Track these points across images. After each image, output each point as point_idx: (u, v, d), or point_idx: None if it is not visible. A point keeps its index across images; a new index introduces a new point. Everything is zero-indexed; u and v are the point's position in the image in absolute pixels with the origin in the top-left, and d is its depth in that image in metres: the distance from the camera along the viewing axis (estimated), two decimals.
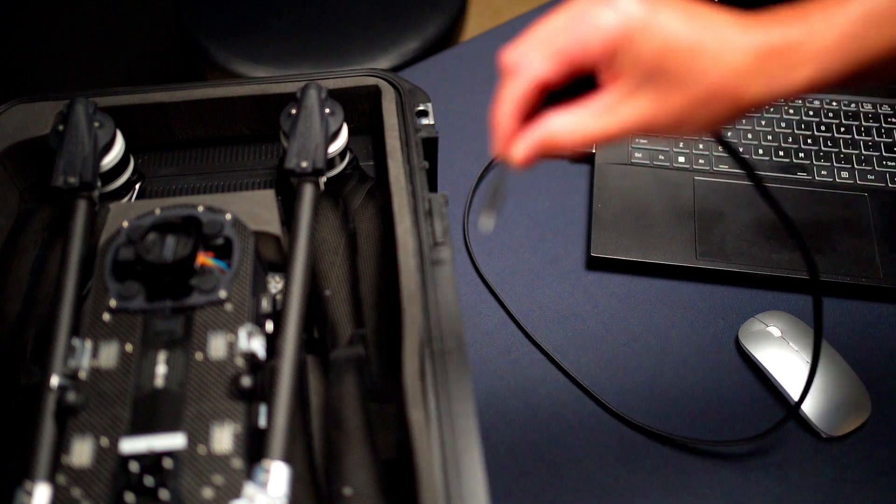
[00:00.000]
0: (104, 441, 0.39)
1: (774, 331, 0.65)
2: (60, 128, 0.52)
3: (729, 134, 0.79)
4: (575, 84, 0.36)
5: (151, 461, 0.38)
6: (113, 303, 0.44)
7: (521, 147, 0.36)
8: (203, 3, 1.19)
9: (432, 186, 0.58)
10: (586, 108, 0.35)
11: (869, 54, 0.34)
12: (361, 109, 0.60)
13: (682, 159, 0.77)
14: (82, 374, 0.42)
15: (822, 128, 0.80)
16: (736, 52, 0.33)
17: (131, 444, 0.39)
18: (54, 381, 0.41)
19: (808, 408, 0.61)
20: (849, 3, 0.34)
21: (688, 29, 0.33)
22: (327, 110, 0.54)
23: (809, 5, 0.35)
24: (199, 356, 0.42)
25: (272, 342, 0.44)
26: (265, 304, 0.48)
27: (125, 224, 0.48)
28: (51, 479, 0.39)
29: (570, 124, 0.35)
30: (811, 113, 0.81)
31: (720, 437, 0.61)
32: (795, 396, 0.62)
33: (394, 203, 0.51)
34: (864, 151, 0.77)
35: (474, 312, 0.69)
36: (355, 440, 0.45)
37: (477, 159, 0.79)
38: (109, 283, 0.45)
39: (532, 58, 0.35)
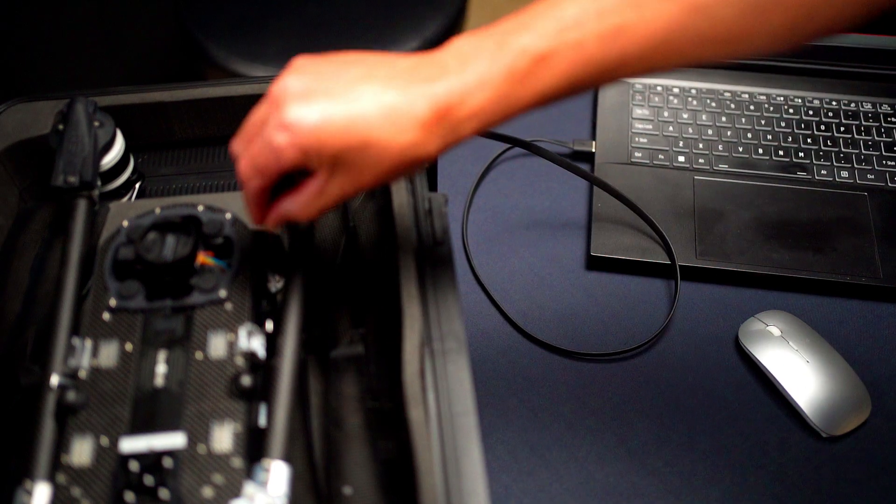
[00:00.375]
0: (104, 440, 0.39)
1: (774, 330, 0.65)
2: (60, 127, 0.53)
3: (729, 133, 0.79)
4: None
5: (151, 460, 0.38)
6: (113, 302, 0.44)
7: (269, 221, 0.43)
8: (203, 2, 1.19)
9: (432, 186, 0.58)
10: (304, 193, 0.40)
11: (519, 105, 0.37)
12: None
13: (682, 159, 0.77)
14: (82, 374, 0.42)
15: (822, 127, 0.80)
16: (402, 132, 0.36)
17: (131, 444, 0.39)
18: (54, 380, 0.41)
19: (808, 407, 0.61)
20: (497, 57, 0.36)
21: (354, 127, 0.36)
22: None
23: (469, 47, 0.37)
24: (199, 355, 0.42)
25: (272, 341, 0.44)
26: (265, 304, 0.48)
27: (125, 223, 0.48)
28: (51, 478, 0.39)
29: (296, 206, 0.41)
30: (811, 112, 0.81)
31: (720, 437, 0.61)
32: (796, 396, 0.62)
33: (394, 203, 0.51)
34: (863, 151, 0.77)
35: (474, 312, 0.69)
36: (355, 440, 0.45)
37: (477, 159, 0.79)
38: (109, 283, 0.45)
39: (248, 175, 0.40)
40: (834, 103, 0.81)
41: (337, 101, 0.36)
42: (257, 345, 0.43)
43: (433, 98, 0.36)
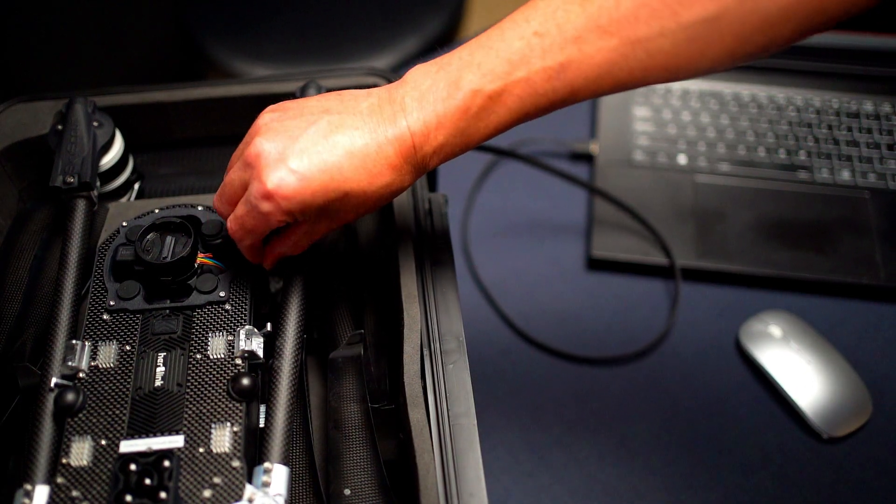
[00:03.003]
0: (103, 441, 0.39)
1: (775, 331, 0.65)
2: (59, 127, 0.52)
3: (730, 134, 0.79)
4: None
5: (150, 462, 0.38)
6: (112, 303, 0.44)
7: (267, 264, 0.46)
8: (203, 2, 1.19)
9: (432, 186, 0.58)
10: (294, 236, 0.43)
11: (478, 136, 0.40)
12: None
13: (683, 159, 0.77)
14: (81, 375, 0.41)
15: (823, 127, 0.79)
16: (377, 177, 0.39)
17: (130, 445, 0.39)
18: (53, 381, 0.41)
19: (809, 408, 0.61)
20: (452, 97, 0.39)
21: (333, 183, 0.39)
22: None
23: (431, 80, 0.40)
24: (198, 356, 0.42)
25: (271, 342, 0.44)
26: (264, 305, 0.48)
27: (124, 224, 0.48)
28: (50, 479, 0.39)
29: (288, 247, 0.44)
30: (812, 112, 0.81)
31: (721, 438, 0.61)
32: (796, 397, 0.62)
33: (394, 203, 0.51)
34: (864, 151, 0.77)
35: (474, 313, 0.69)
36: (355, 440, 0.45)
37: (477, 160, 0.79)
38: (108, 283, 0.45)
39: (240, 234, 0.43)
40: (835, 103, 0.81)
41: (311, 158, 0.39)
42: (256, 346, 0.43)
43: (399, 140, 0.39)
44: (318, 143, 0.39)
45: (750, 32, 0.36)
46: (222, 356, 0.42)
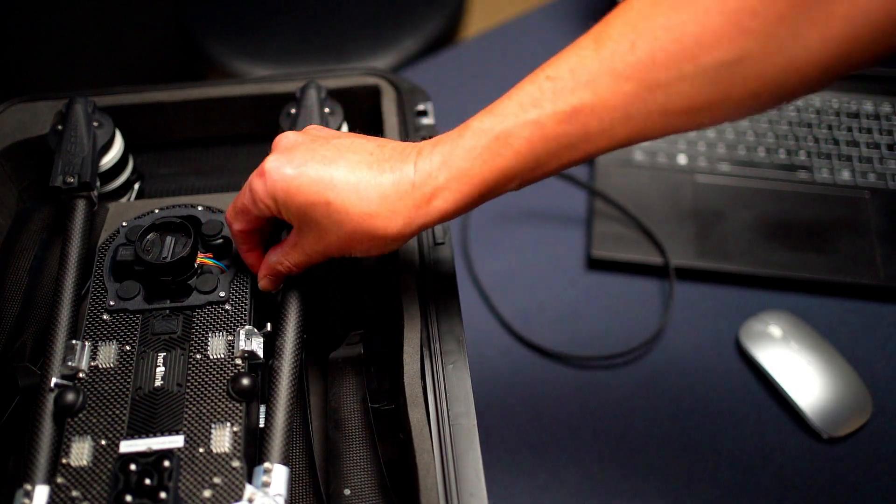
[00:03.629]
0: (103, 441, 0.39)
1: (775, 331, 0.65)
2: (59, 127, 0.52)
3: (729, 134, 0.79)
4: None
5: (150, 462, 0.38)
6: (112, 303, 0.44)
7: (262, 281, 0.45)
8: (203, 2, 1.19)
9: None
10: (283, 246, 0.44)
11: (483, 185, 0.38)
12: (361, 109, 0.60)
13: (682, 159, 0.77)
14: (81, 375, 0.41)
15: (823, 127, 0.79)
16: (364, 201, 0.38)
17: (130, 445, 0.39)
18: (53, 381, 0.41)
19: (809, 408, 0.61)
20: (459, 138, 0.38)
21: (321, 186, 0.39)
22: (327, 110, 0.54)
23: (445, 135, 0.39)
24: (198, 356, 0.42)
25: (271, 342, 0.44)
26: (264, 305, 0.48)
27: (124, 224, 0.48)
28: (50, 479, 0.39)
29: (276, 258, 0.44)
30: (812, 112, 0.81)
31: (721, 438, 0.61)
32: (796, 397, 0.62)
33: None
34: (864, 151, 0.77)
35: (474, 312, 0.69)
36: (355, 440, 0.45)
37: None
38: (108, 283, 0.45)
39: (231, 217, 0.44)
40: (835, 103, 0.81)
41: (313, 163, 0.39)
42: (256, 346, 0.43)
43: (400, 174, 0.38)
44: (325, 157, 0.40)
45: (774, 75, 0.34)
46: (222, 356, 0.42)
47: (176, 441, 0.39)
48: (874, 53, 0.34)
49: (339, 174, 0.39)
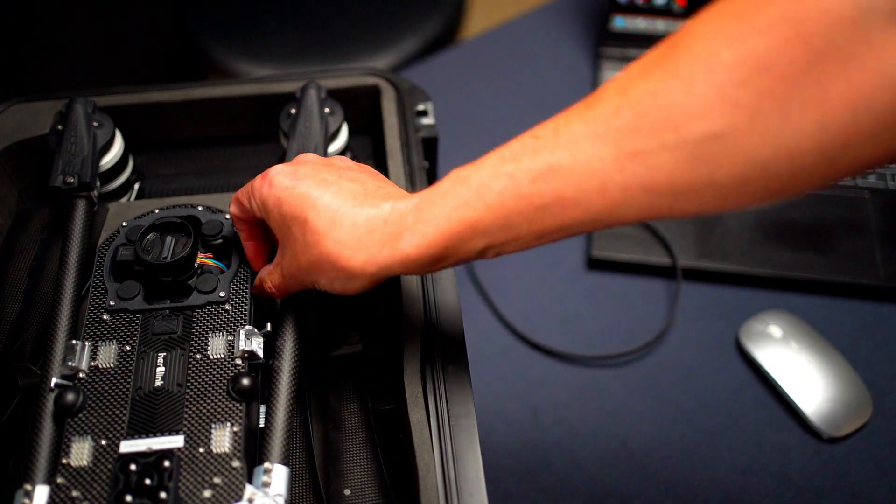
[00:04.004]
0: (103, 441, 0.39)
1: (775, 331, 0.65)
2: (59, 127, 0.52)
3: None
4: None
5: (150, 462, 0.38)
6: (112, 303, 0.44)
7: (255, 288, 0.46)
8: (203, 2, 1.19)
9: None
10: (272, 263, 0.44)
11: (452, 235, 0.36)
12: (361, 109, 0.60)
13: None
14: (81, 375, 0.41)
15: None
16: (336, 226, 0.38)
17: (130, 445, 0.39)
18: (53, 381, 0.41)
19: (809, 408, 0.61)
20: (439, 184, 0.37)
21: (307, 203, 0.39)
22: (327, 110, 0.54)
23: (431, 189, 0.37)
24: (198, 356, 0.42)
25: (271, 342, 0.44)
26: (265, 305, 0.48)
27: (124, 224, 0.48)
28: (50, 479, 0.39)
29: (263, 274, 0.45)
30: None
31: (721, 438, 0.61)
32: (797, 397, 0.62)
33: None
34: None
35: (474, 312, 0.69)
36: (355, 440, 0.45)
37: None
38: (108, 284, 0.45)
39: (232, 202, 0.44)
40: None
41: (309, 181, 0.40)
42: (256, 346, 0.43)
43: (375, 211, 0.38)
44: (320, 179, 0.40)
45: (764, 158, 0.30)
46: (222, 356, 0.42)
47: (176, 441, 0.39)
48: (886, 150, 0.30)
49: (325, 197, 0.39)
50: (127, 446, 0.39)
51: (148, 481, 0.37)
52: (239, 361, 0.42)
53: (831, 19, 0.28)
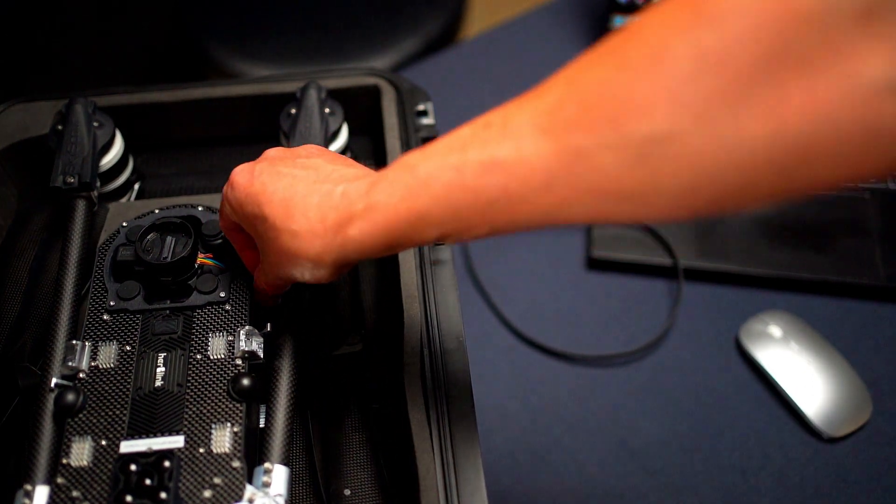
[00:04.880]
0: (103, 442, 0.39)
1: (775, 331, 0.65)
2: (60, 127, 0.52)
3: None
4: None
5: (151, 462, 0.38)
6: (112, 303, 0.44)
7: (257, 293, 0.46)
8: (203, 2, 1.19)
9: None
10: (260, 263, 0.43)
11: (399, 226, 0.34)
12: (361, 109, 0.60)
13: None
14: (81, 375, 0.41)
15: None
16: (289, 217, 0.37)
17: (130, 445, 0.39)
18: (53, 381, 0.41)
19: (809, 408, 0.61)
20: (390, 171, 0.35)
21: (264, 198, 0.38)
22: (327, 110, 0.54)
23: (382, 172, 0.36)
24: (198, 356, 0.42)
25: (271, 342, 0.44)
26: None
27: (124, 224, 0.48)
28: (50, 479, 0.39)
29: (256, 277, 0.44)
30: None
31: (721, 438, 0.61)
32: (796, 397, 0.62)
33: None
34: None
35: (474, 312, 0.69)
36: (355, 440, 0.45)
37: None
38: (108, 284, 0.45)
39: (221, 223, 0.44)
40: None
41: (266, 177, 0.39)
42: (256, 346, 0.43)
43: (325, 198, 0.37)
44: (276, 171, 0.39)
45: (711, 167, 0.27)
46: (222, 356, 0.42)
47: (176, 441, 0.39)
48: (852, 170, 0.27)
49: (279, 190, 0.38)
50: (127, 446, 0.39)
51: (148, 481, 0.37)
52: (239, 361, 0.42)
53: (792, 14, 0.25)
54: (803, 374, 0.63)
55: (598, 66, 0.30)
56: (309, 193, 0.37)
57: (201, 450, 0.39)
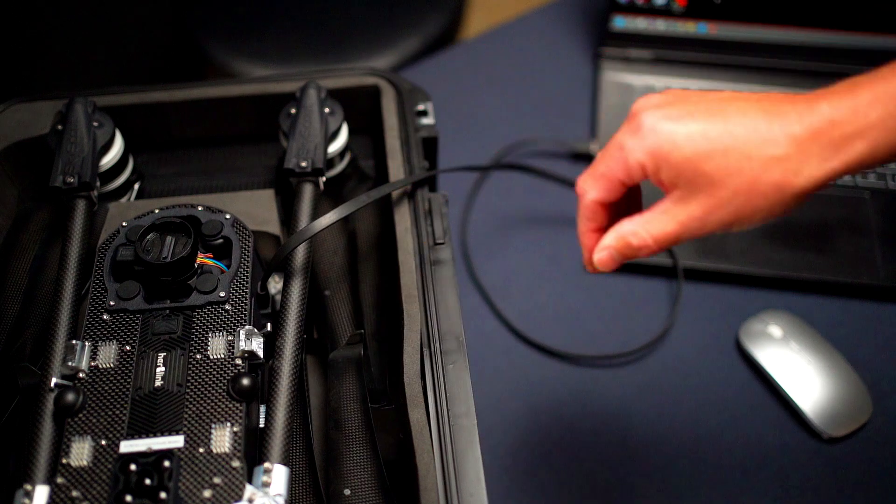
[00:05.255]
0: (103, 442, 0.39)
1: (775, 331, 0.65)
2: (59, 127, 0.52)
3: None
4: None
5: (150, 462, 0.38)
6: (112, 303, 0.44)
7: (599, 254, 0.41)
8: (203, 2, 1.19)
9: (432, 186, 0.58)
10: (647, 213, 0.39)
11: None
12: (361, 109, 0.60)
13: None
14: (81, 375, 0.41)
15: None
16: (768, 143, 0.34)
17: (130, 445, 0.39)
18: (53, 381, 0.41)
19: (809, 408, 0.61)
20: (878, 84, 0.34)
21: (713, 133, 0.35)
22: (327, 110, 0.54)
23: (860, 79, 0.35)
24: (198, 356, 0.42)
25: (271, 342, 0.44)
26: (265, 305, 0.48)
27: (124, 224, 0.48)
28: (50, 479, 0.39)
29: (634, 226, 0.39)
30: None
31: (721, 438, 0.61)
32: (797, 397, 0.62)
33: (393, 203, 0.51)
34: None
35: (474, 312, 0.69)
36: (355, 440, 0.45)
37: (477, 159, 0.79)
38: (108, 283, 0.45)
39: (587, 185, 0.41)
40: None
41: (698, 115, 0.36)
42: (256, 346, 0.43)
43: (809, 114, 0.34)
44: (703, 108, 0.36)
45: None
46: (222, 356, 0.42)
47: (176, 441, 0.39)
48: None
49: (732, 118, 0.35)
50: (127, 446, 0.39)
51: (148, 481, 0.37)
52: (239, 361, 0.42)
53: None
54: (803, 374, 0.63)
55: None
56: (779, 115, 0.35)
57: (201, 449, 0.39)
